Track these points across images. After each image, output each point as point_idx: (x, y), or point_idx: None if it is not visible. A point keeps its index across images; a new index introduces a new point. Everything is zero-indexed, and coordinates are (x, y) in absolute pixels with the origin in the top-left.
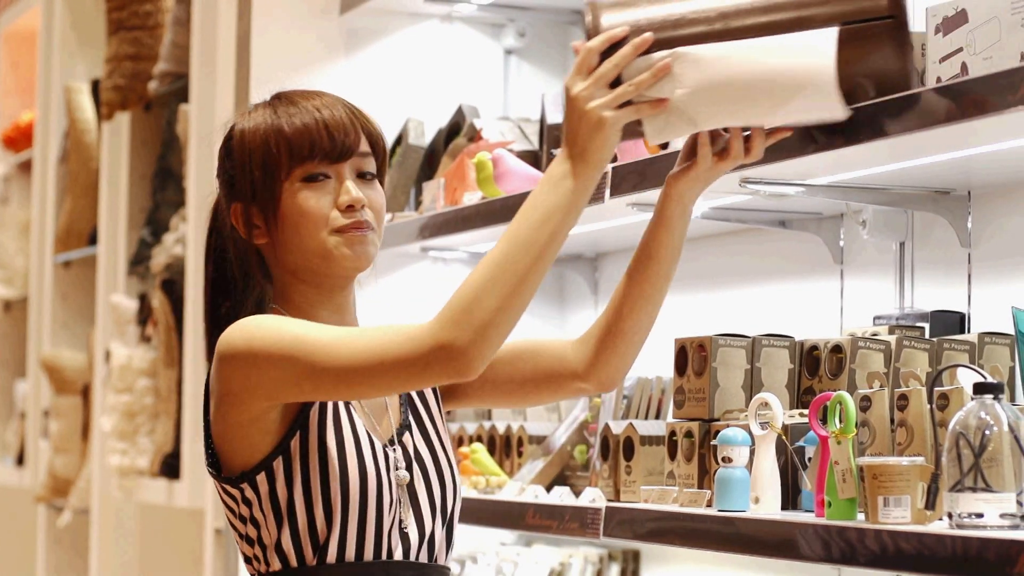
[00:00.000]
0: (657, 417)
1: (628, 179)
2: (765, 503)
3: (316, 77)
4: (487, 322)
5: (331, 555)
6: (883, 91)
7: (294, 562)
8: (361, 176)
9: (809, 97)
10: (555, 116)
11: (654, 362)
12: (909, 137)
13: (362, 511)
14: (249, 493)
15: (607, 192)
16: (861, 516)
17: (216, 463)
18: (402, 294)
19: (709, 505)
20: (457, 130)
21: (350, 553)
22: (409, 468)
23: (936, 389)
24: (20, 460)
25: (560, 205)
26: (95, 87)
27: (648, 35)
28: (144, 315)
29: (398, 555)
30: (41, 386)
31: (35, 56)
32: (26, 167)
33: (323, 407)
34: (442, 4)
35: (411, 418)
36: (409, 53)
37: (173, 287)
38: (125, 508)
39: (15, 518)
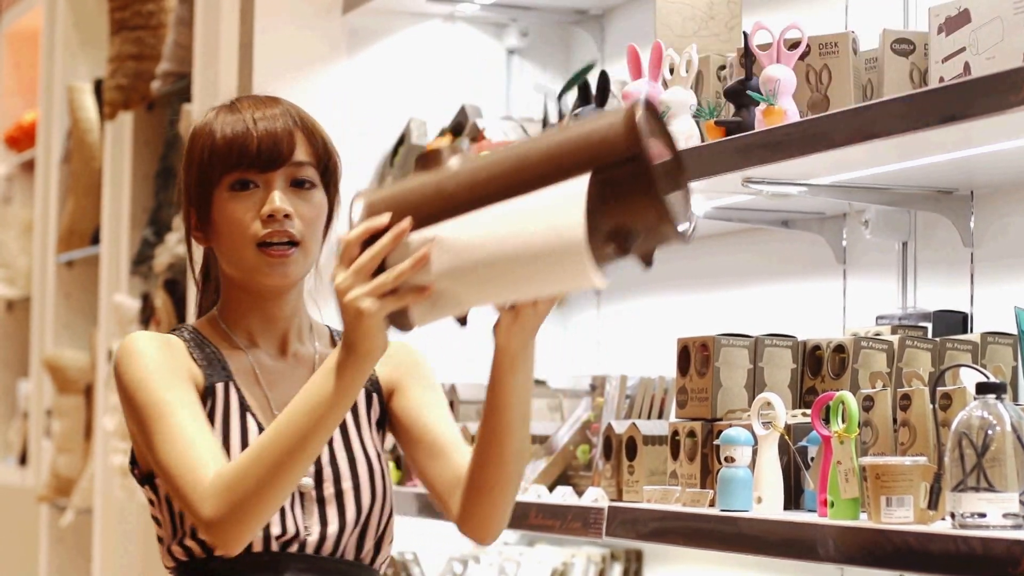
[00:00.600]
0: (660, 417)
1: None
2: (768, 503)
3: (318, 77)
4: (244, 504)
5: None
6: (647, 243)
7: (184, 557)
8: (297, 184)
9: (560, 269)
10: (557, 116)
11: (657, 362)
12: (912, 137)
13: None
14: (150, 493)
15: None
16: (864, 516)
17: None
18: None
19: (712, 505)
20: (460, 130)
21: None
22: (319, 473)
23: (939, 389)
24: (23, 460)
25: (325, 397)
26: (98, 87)
27: (406, 222)
28: (147, 315)
29: (292, 550)
30: (44, 386)
31: (38, 56)
32: (29, 167)
33: (214, 410)
34: (444, 4)
35: (350, 416)
36: (412, 53)
37: (175, 287)
38: (128, 508)
39: (18, 518)
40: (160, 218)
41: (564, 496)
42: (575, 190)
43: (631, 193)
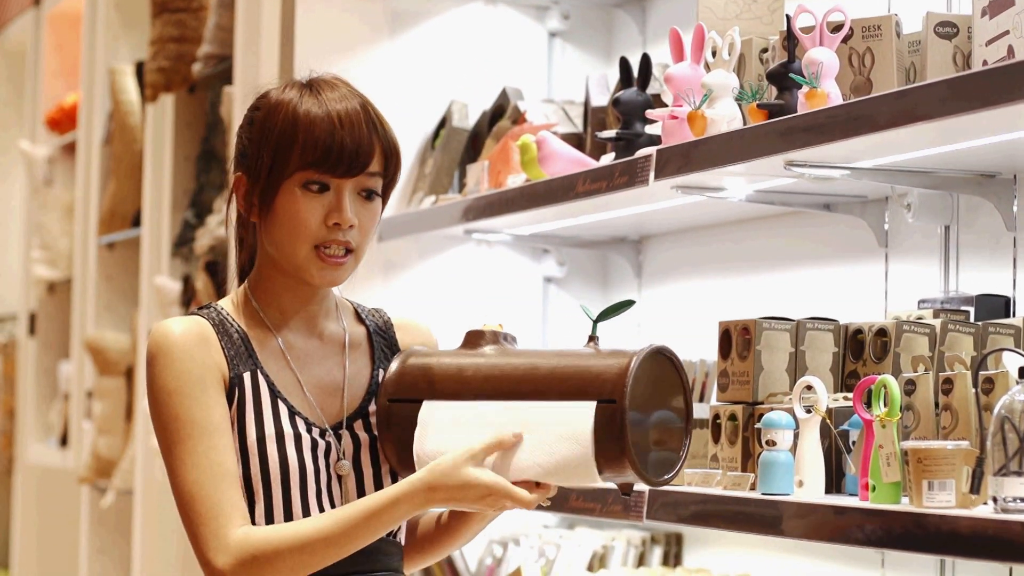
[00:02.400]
0: (701, 400)
1: (672, 161)
2: (809, 486)
3: (360, 59)
4: None
5: None
6: (608, 472)
7: None
8: (361, 193)
9: (576, 469)
10: (599, 99)
11: (698, 345)
12: (954, 120)
13: (286, 497)
14: None
15: (651, 175)
16: (905, 500)
17: None
18: (445, 276)
19: (753, 488)
20: (501, 112)
21: None
22: (357, 455)
23: (981, 373)
24: (64, 441)
25: (385, 515)
26: (139, 69)
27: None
28: (188, 296)
29: None
30: (85, 367)
31: (79, 38)
32: (70, 149)
33: (243, 399)
34: None
35: (374, 404)
36: (453, 35)
37: (216, 268)
38: (168, 489)
39: (59, 499)
40: (201, 200)
41: None
42: (583, 410)
43: (604, 428)
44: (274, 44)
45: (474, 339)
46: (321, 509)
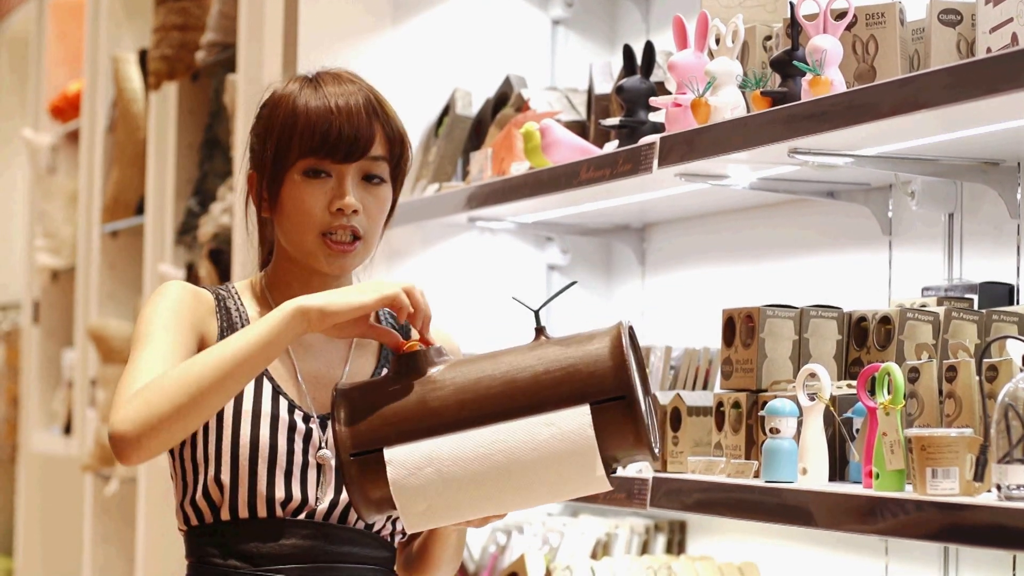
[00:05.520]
0: (704, 388)
1: (676, 149)
2: (813, 474)
3: (363, 47)
4: (149, 415)
5: (225, 515)
6: (621, 463)
7: (194, 518)
8: (367, 178)
9: (573, 478)
10: (603, 86)
11: (702, 333)
12: (958, 108)
13: (252, 477)
14: (167, 451)
15: (655, 162)
16: (909, 488)
17: None
18: (449, 264)
19: (756, 476)
20: (504, 100)
21: (243, 513)
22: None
23: (985, 360)
24: (68, 429)
25: (262, 337)
26: (142, 57)
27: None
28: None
29: (300, 517)
30: (88, 355)
31: (83, 26)
32: (73, 137)
33: None
34: None
35: None
36: (457, 22)
37: (220, 257)
38: (170, 476)
39: (63, 487)
40: (205, 188)
41: None
42: (579, 416)
43: (616, 425)
44: (277, 32)
45: (409, 363)
46: (292, 493)
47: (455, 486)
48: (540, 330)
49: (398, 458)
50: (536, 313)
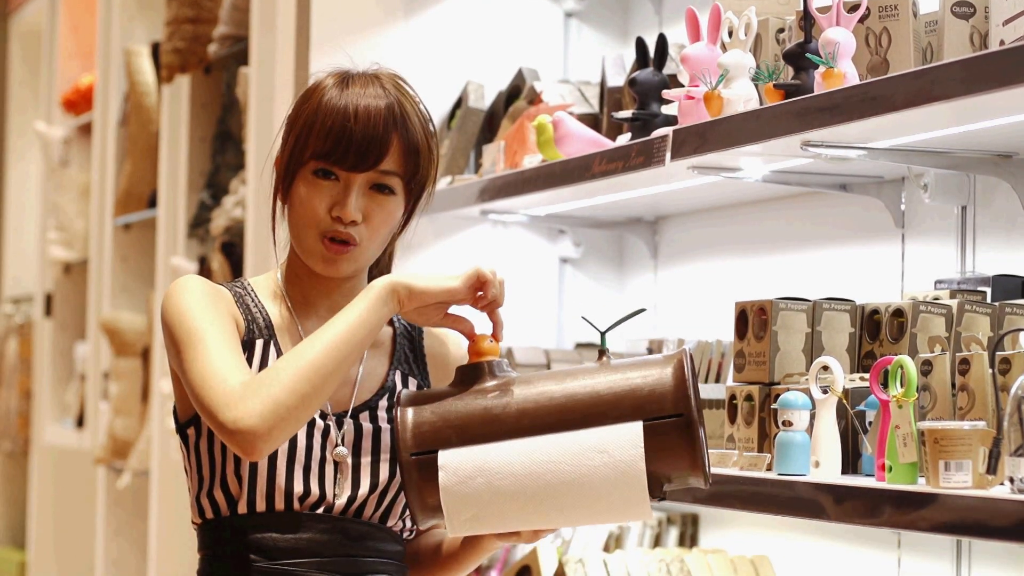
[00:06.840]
0: (717, 381)
1: (689, 142)
2: (825, 467)
3: (376, 40)
4: (273, 403)
5: (242, 508)
6: (673, 486)
7: (210, 511)
8: (377, 187)
9: (618, 501)
10: (615, 79)
11: (714, 326)
12: (971, 100)
13: (271, 471)
14: (181, 444)
15: (668, 155)
16: (922, 480)
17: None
18: (461, 257)
19: (769, 469)
20: (517, 93)
21: (260, 506)
22: (357, 444)
23: (998, 353)
24: (80, 422)
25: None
26: (155, 50)
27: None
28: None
29: (318, 511)
30: (101, 348)
31: (95, 19)
32: (86, 130)
33: (251, 364)
34: None
35: (385, 400)
36: (469, 15)
37: (232, 249)
38: (183, 470)
39: (75, 480)
40: (217, 181)
41: None
42: (631, 436)
43: (673, 444)
44: (290, 25)
45: (474, 372)
46: (310, 488)
47: (502, 499)
48: (603, 352)
49: (451, 464)
50: (603, 335)
